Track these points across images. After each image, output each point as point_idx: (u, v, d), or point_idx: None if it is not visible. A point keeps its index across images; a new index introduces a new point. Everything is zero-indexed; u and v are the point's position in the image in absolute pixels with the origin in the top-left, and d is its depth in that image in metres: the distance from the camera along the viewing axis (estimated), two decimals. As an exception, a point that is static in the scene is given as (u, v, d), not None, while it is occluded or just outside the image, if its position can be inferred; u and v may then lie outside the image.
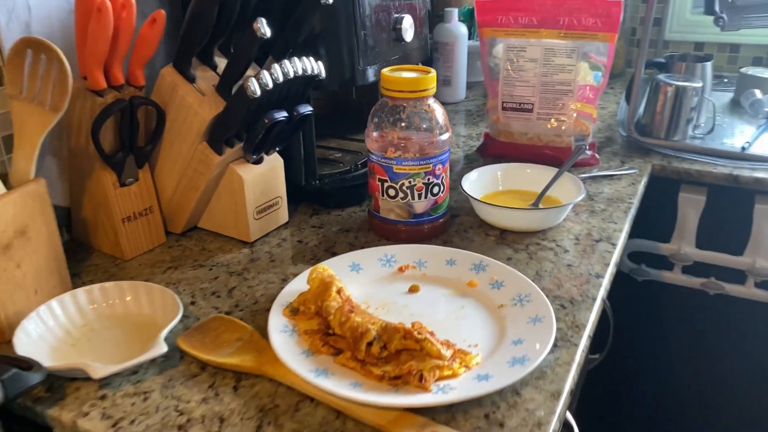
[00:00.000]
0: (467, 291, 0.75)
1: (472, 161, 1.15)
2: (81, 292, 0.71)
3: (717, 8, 1.13)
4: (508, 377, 0.59)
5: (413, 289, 0.76)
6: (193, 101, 0.78)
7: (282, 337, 0.65)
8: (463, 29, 1.39)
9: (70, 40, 0.82)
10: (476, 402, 0.58)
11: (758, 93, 1.30)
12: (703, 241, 1.16)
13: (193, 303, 0.75)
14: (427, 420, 0.56)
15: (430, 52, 1.40)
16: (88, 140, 0.76)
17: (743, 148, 1.14)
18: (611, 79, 1.52)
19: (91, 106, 0.75)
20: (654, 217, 1.18)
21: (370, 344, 0.62)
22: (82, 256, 0.85)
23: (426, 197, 0.85)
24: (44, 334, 0.66)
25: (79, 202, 0.84)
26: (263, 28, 0.72)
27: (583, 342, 0.67)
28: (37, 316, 0.67)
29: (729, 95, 1.43)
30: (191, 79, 0.78)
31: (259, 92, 0.73)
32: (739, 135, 1.22)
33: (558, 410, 0.58)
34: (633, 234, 1.21)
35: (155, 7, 0.94)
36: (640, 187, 1.04)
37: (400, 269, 0.79)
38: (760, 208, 1.10)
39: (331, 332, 0.66)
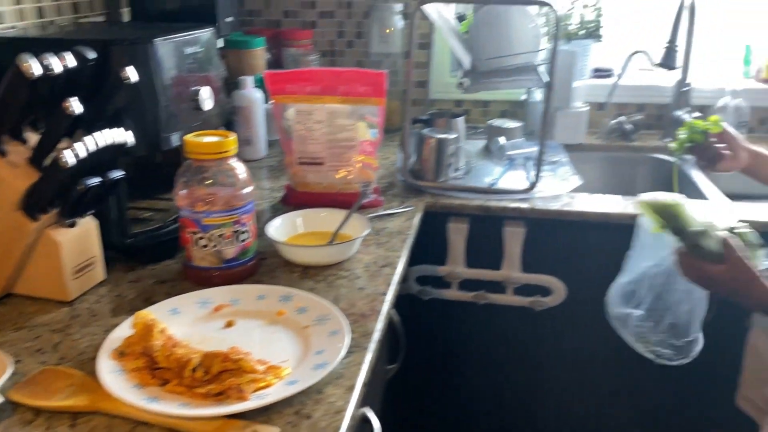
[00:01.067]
0: (277, 319, 0.89)
1: (277, 210, 1.29)
2: None
3: (459, 75, 1.42)
4: (312, 379, 0.73)
5: (229, 324, 0.88)
6: (6, 174, 0.83)
7: (112, 376, 0.73)
8: (258, 94, 1.55)
9: None
10: (287, 402, 0.71)
11: (502, 140, 1.62)
12: (470, 261, 1.42)
13: (18, 361, 0.79)
14: (247, 422, 0.68)
15: (229, 115, 1.54)
16: None
17: (491, 185, 1.43)
18: (392, 132, 1.76)
19: None
20: (431, 245, 1.41)
21: (194, 371, 0.73)
22: None
23: (235, 244, 0.97)
24: None
25: None
26: (73, 106, 0.81)
27: (372, 346, 0.84)
28: None
29: (482, 142, 1.74)
30: (3, 154, 0.84)
31: (72, 162, 0.81)
32: (490, 174, 1.51)
33: (352, 399, 0.73)
34: (417, 261, 1.43)
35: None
36: (416, 221, 1.26)
37: (216, 308, 0.90)
38: (508, 230, 1.37)
39: (157, 367, 0.75)
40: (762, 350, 1.04)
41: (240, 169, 0.97)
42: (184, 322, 0.87)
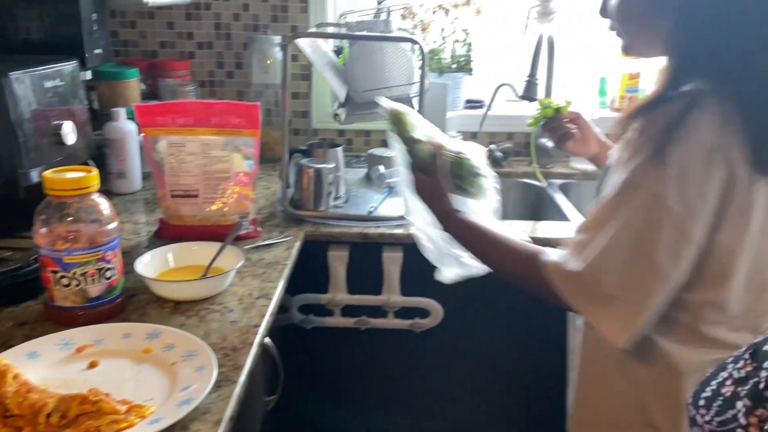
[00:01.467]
0: (143, 357, 0.87)
1: (151, 245, 1.26)
2: None
3: (335, 106, 1.46)
4: (176, 416, 0.73)
5: (92, 365, 0.85)
6: None
7: (-44, 429, 0.69)
8: (131, 126, 1.52)
9: None
10: (150, 442, 0.70)
11: (382, 168, 1.67)
12: (352, 288, 1.44)
13: None
14: (106, 466, 0.66)
15: (100, 148, 1.50)
16: None
17: (370, 212, 1.47)
18: (275, 162, 1.77)
19: None
20: (313, 274, 1.42)
21: (49, 416, 0.70)
22: None
23: (100, 282, 0.95)
24: None
25: None
26: None
27: (241, 379, 0.84)
28: None
29: (364, 170, 1.78)
30: None
31: None
32: (370, 202, 1.55)
33: (219, 433, 0.73)
34: (300, 290, 1.44)
35: None
36: (294, 251, 1.27)
37: (79, 349, 0.87)
38: (387, 255, 1.42)
39: (9, 414, 0.72)
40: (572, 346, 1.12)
41: (104, 205, 0.95)
42: (43, 365, 0.84)
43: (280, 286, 1.12)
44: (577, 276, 0.79)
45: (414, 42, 1.42)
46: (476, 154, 1.06)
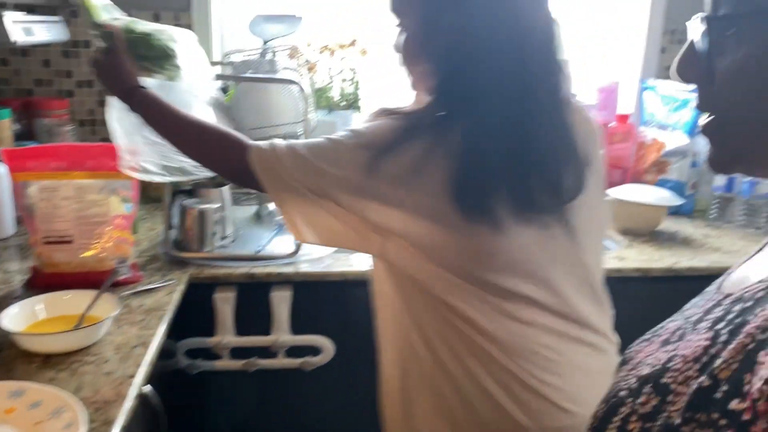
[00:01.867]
0: (5, 418, 0.82)
1: (24, 295, 1.20)
2: None
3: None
4: (37, 480, 0.69)
5: (-54, 430, 0.79)
6: None
7: None
8: (2, 169, 1.44)
9: None
10: None
11: (272, 205, 1.67)
12: (240, 329, 1.42)
13: None
14: None
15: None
16: None
17: (258, 251, 1.47)
18: (161, 202, 1.73)
19: None
20: (199, 317, 1.39)
21: None
22: None
23: (-43, 339, 0.89)
24: None
25: None
26: None
27: (114, 433, 0.81)
28: None
29: (254, 208, 1.77)
30: None
31: None
32: (259, 240, 1.55)
33: (85, 494, 0.70)
34: (187, 334, 1.41)
35: None
36: (176, 295, 1.24)
37: (-70, 415, 0.81)
38: (275, 294, 1.41)
39: None
40: None
41: (-38, 257, 0.90)
42: None
43: (160, 332, 1.09)
44: (272, 160, 0.87)
45: (293, 83, 1.45)
46: (181, 38, 1.07)
